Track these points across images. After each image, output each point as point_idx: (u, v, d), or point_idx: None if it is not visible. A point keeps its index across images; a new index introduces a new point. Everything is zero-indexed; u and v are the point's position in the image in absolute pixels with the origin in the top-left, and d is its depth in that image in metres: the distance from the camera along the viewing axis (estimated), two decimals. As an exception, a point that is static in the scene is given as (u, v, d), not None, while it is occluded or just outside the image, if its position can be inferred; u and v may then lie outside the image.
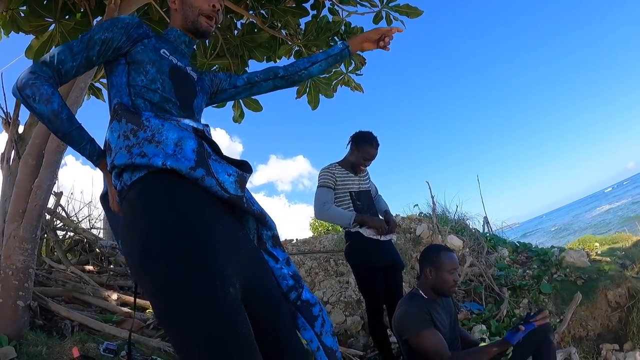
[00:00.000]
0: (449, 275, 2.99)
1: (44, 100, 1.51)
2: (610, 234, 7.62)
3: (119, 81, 1.68)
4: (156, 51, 1.72)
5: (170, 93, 1.69)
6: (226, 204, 1.54)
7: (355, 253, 3.79)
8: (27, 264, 3.06)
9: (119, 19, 1.71)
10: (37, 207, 3.15)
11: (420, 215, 7.66)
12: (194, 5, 1.84)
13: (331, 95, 5.34)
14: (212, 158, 1.51)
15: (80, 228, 5.34)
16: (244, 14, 4.47)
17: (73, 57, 1.62)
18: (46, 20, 3.53)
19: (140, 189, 1.45)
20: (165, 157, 1.42)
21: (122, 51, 1.69)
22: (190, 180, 1.44)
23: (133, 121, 1.51)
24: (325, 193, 3.75)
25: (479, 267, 5.74)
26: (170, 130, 1.49)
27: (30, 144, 3.32)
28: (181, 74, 1.77)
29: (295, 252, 7.10)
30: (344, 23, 5.10)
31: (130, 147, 1.46)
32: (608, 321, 4.95)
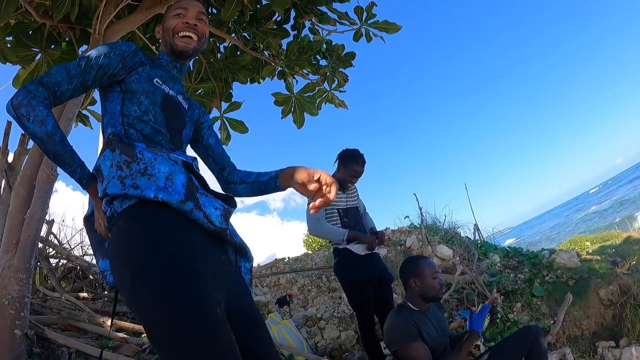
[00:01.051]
0: (432, 280, 3.07)
1: (38, 121, 1.53)
2: (600, 232, 7.68)
3: (113, 108, 1.72)
4: (150, 80, 1.76)
5: (161, 125, 1.73)
6: (210, 234, 1.60)
7: (344, 269, 3.84)
8: (23, 293, 3.07)
9: (116, 45, 1.74)
10: (30, 237, 3.18)
11: (411, 227, 7.71)
12: (169, 27, 1.88)
13: (316, 113, 5.41)
14: (200, 192, 1.59)
15: (73, 255, 5.33)
16: (227, 38, 4.55)
17: (69, 80, 1.63)
18: (32, 50, 3.59)
19: (131, 216, 1.50)
20: (157, 190, 1.48)
21: (118, 78, 1.72)
22: (179, 212, 1.50)
23: (127, 153, 1.56)
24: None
25: (470, 275, 5.78)
26: (162, 164, 1.55)
27: (21, 175, 3.35)
28: (173, 104, 1.82)
29: (287, 270, 7.13)
30: (325, 42, 5.20)
31: (124, 178, 1.50)
32: (602, 319, 5.00)
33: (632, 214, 21.49)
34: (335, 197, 1.59)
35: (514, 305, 5.29)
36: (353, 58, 5.34)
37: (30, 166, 3.29)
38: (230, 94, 5.13)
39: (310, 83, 5.27)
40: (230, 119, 5.00)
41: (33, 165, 3.28)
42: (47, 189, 3.29)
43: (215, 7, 4.40)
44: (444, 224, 7.85)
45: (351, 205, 3.99)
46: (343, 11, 4.77)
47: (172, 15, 1.89)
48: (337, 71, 5.37)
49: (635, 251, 5.75)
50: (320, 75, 5.31)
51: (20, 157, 3.82)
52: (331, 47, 5.25)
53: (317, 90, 5.37)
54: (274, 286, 6.95)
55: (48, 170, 3.22)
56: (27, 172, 3.29)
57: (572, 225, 32.47)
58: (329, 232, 3.81)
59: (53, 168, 3.23)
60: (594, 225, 24.22)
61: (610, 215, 28.46)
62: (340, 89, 5.51)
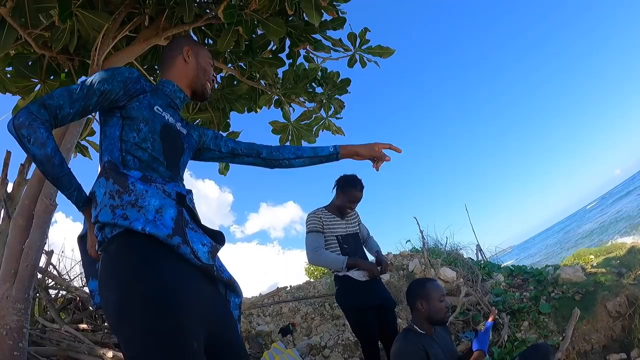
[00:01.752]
0: (439, 303, 3.06)
1: (39, 143, 1.57)
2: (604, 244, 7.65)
3: (112, 133, 1.76)
4: (150, 108, 1.81)
5: (159, 153, 1.78)
6: (197, 268, 1.63)
7: (346, 297, 3.82)
8: (21, 324, 3.04)
9: (119, 71, 1.79)
10: (29, 267, 3.16)
11: (412, 251, 7.69)
12: (207, 72, 2.01)
13: (313, 141, 5.44)
14: (190, 227, 1.62)
15: (73, 286, 5.29)
16: (223, 68, 4.61)
17: (71, 104, 1.68)
18: (32, 80, 3.64)
19: (119, 244, 1.54)
20: (145, 223, 1.52)
21: (119, 104, 1.77)
22: (167, 245, 1.53)
23: (119, 183, 1.59)
24: (315, 238, 3.80)
25: (475, 296, 5.73)
26: (153, 197, 1.59)
27: (20, 204, 3.35)
28: (172, 132, 1.86)
29: (289, 299, 7.07)
30: (320, 69, 5.27)
31: (115, 208, 1.55)
32: (611, 331, 4.92)
33: (634, 224, 21.31)
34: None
35: (521, 324, 5.22)
36: (348, 84, 5.40)
37: (29, 196, 3.30)
38: (227, 124, 5.17)
39: (307, 111, 5.31)
40: (228, 149, 5.03)
41: (32, 195, 3.29)
42: (46, 219, 3.28)
43: (211, 37, 4.48)
44: (446, 246, 7.85)
45: (351, 232, 3.99)
46: (337, 38, 4.84)
47: (209, 62, 2.06)
48: (333, 98, 5.42)
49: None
50: (316, 102, 5.36)
51: (20, 187, 3.83)
52: (326, 74, 5.31)
53: (313, 118, 5.40)
54: (276, 315, 6.87)
55: (47, 201, 3.22)
56: (26, 202, 3.29)
57: (572, 242, 32.35)
58: (328, 260, 3.79)
59: (52, 198, 3.23)
60: (596, 238, 24.12)
61: (611, 229, 28.34)
62: (336, 116, 5.55)
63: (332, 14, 4.20)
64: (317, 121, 5.45)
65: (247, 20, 3.79)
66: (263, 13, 3.85)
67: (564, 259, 7.69)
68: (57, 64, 3.76)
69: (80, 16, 3.18)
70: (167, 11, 3.77)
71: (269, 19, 3.85)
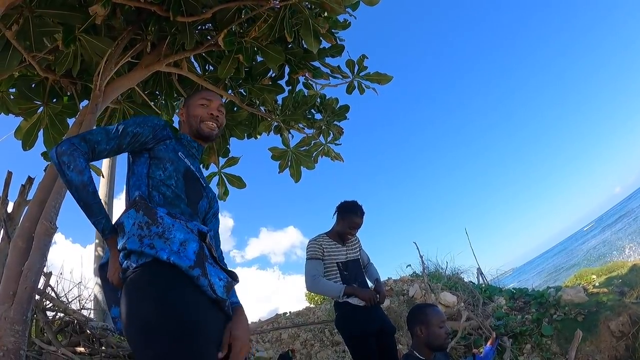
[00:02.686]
0: (439, 329, 3.02)
1: (77, 170, 1.70)
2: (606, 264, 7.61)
3: (140, 171, 1.88)
4: (175, 152, 1.95)
5: (181, 190, 1.89)
6: (211, 301, 1.70)
7: (345, 323, 3.79)
8: (18, 345, 3.01)
9: (149, 118, 1.96)
10: (28, 289, 3.15)
11: (413, 276, 7.66)
12: (195, 115, 2.10)
13: (312, 167, 5.47)
14: (209, 261, 1.72)
15: (71, 309, 5.23)
16: (223, 94, 4.67)
17: (108, 141, 1.83)
18: (35, 103, 3.70)
19: (144, 272, 1.61)
20: (170, 253, 1.61)
21: (148, 146, 1.91)
22: (187, 276, 1.62)
23: (149, 215, 1.69)
24: (314, 265, 3.79)
25: (476, 320, 5.69)
26: (179, 230, 1.69)
27: (20, 226, 3.36)
28: (193, 176, 1.98)
29: (289, 325, 7.01)
30: (319, 96, 5.33)
31: (142, 237, 1.64)
32: (615, 351, 4.90)
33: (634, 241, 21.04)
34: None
35: (524, 347, 5.19)
36: (347, 111, 5.45)
37: (30, 218, 3.31)
38: (227, 150, 5.22)
39: (306, 137, 5.35)
40: (228, 174, 5.06)
41: (33, 218, 3.30)
42: (45, 242, 3.29)
43: (212, 64, 4.56)
44: (446, 271, 7.81)
45: (351, 258, 3.97)
46: (335, 65, 4.92)
47: (198, 104, 2.13)
48: (332, 124, 5.46)
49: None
50: (315, 129, 5.40)
51: (20, 208, 3.85)
52: (325, 100, 5.37)
53: (312, 144, 5.45)
54: (275, 342, 6.80)
55: (47, 223, 3.23)
56: (26, 224, 3.30)
57: (573, 263, 32.09)
58: (326, 288, 3.77)
59: (52, 221, 3.25)
60: (596, 253, 23.87)
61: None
62: (335, 142, 5.58)
63: (330, 41, 4.27)
64: (316, 147, 5.49)
65: (247, 47, 3.88)
66: (262, 41, 3.94)
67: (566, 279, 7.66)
68: (60, 87, 3.84)
69: (83, 41, 3.27)
70: (168, 38, 3.86)
71: (268, 46, 3.94)
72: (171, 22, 3.63)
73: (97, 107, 3.42)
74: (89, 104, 3.49)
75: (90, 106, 3.44)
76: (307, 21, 3.69)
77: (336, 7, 3.74)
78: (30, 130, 3.71)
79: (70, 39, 3.17)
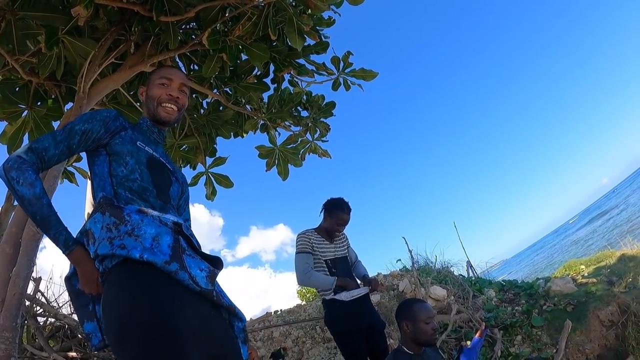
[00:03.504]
0: (425, 325, 3.00)
1: (27, 184, 1.62)
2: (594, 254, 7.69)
3: (101, 171, 1.81)
4: (133, 143, 1.86)
5: (147, 182, 1.82)
6: (198, 294, 1.65)
7: (334, 320, 3.80)
8: (9, 352, 2.99)
9: (98, 112, 1.86)
10: (17, 295, 3.12)
11: (403, 271, 7.68)
12: (153, 96, 2.00)
13: (300, 164, 5.47)
14: (187, 253, 1.66)
15: (61, 314, 5.20)
16: (209, 93, 4.65)
17: (56, 145, 1.75)
18: (19, 107, 3.66)
19: (119, 272, 1.57)
20: (143, 250, 1.55)
21: (102, 142, 1.83)
22: (164, 272, 1.57)
23: (115, 215, 1.63)
24: (305, 259, 3.80)
25: (466, 313, 5.73)
26: (149, 225, 1.63)
27: (7, 232, 3.32)
28: (157, 163, 1.90)
29: (280, 323, 7.02)
30: (305, 93, 5.33)
31: (112, 239, 1.58)
32: (605, 340, 4.95)
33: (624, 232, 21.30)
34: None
35: (514, 338, 5.23)
36: (333, 107, 5.45)
37: (17, 223, 3.28)
38: (214, 149, 5.20)
39: (293, 135, 5.35)
40: (215, 174, 5.05)
41: (19, 223, 3.27)
42: (32, 247, 3.26)
43: (196, 63, 4.54)
44: (436, 264, 7.85)
45: (340, 255, 3.98)
46: (320, 62, 4.90)
47: (157, 84, 2.02)
48: (319, 121, 5.46)
49: (631, 268, 5.77)
50: (302, 126, 5.40)
51: (7, 214, 3.80)
52: (311, 98, 5.36)
53: (299, 142, 5.44)
54: (267, 340, 6.80)
55: (34, 229, 3.20)
56: (13, 230, 3.27)
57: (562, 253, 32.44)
58: (318, 281, 3.77)
59: (39, 226, 3.22)
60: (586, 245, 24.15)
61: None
62: (322, 139, 5.58)
63: (314, 39, 4.27)
64: (303, 144, 5.49)
65: (232, 46, 3.85)
66: (247, 39, 3.91)
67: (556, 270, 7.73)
68: (44, 90, 3.80)
69: (67, 43, 3.23)
70: (152, 38, 3.83)
71: (252, 44, 3.92)
72: (155, 22, 3.60)
73: (81, 110, 3.39)
74: (74, 107, 3.46)
75: (75, 109, 3.41)
76: (291, 19, 3.68)
77: (320, 4, 3.73)
78: (15, 134, 3.66)
79: (53, 41, 3.13)
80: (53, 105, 3.81)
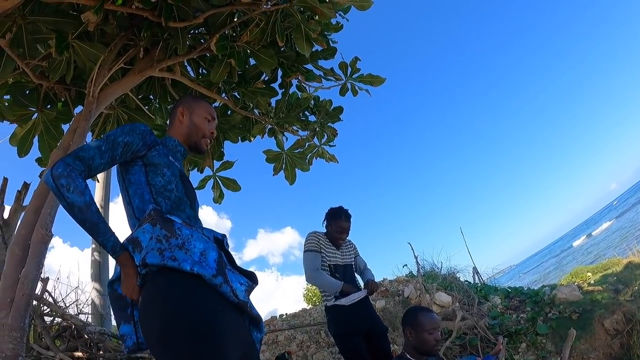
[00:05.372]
0: (429, 335, 3.02)
1: (78, 192, 1.67)
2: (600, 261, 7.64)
3: (138, 179, 1.90)
4: (166, 157, 1.97)
5: (182, 193, 1.94)
6: (233, 305, 1.75)
7: (334, 324, 3.85)
8: (16, 352, 3.02)
9: (136, 126, 1.96)
10: (25, 296, 3.15)
11: (409, 276, 7.67)
12: (200, 128, 2.14)
13: (307, 169, 5.49)
14: (228, 268, 1.76)
15: (68, 314, 5.25)
16: (217, 98, 4.68)
17: (101, 155, 1.82)
18: (29, 109, 3.71)
19: (167, 277, 1.65)
20: (193, 264, 1.65)
21: (139, 154, 1.92)
22: (210, 285, 1.67)
23: (167, 228, 1.72)
24: (314, 258, 3.85)
25: (471, 320, 5.71)
26: (198, 240, 1.74)
27: (17, 234, 3.36)
28: (186, 178, 2.04)
29: (285, 327, 7.03)
30: (313, 98, 5.35)
31: (163, 251, 1.67)
32: (610, 349, 4.92)
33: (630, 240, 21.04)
34: None
35: (519, 346, 5.21)
36: (341, 112, 5.46)
37: (26, 225, 3.31)
38: (222, 153, 5.22)
39: (300, 139, 5.37)
40: (222, 178, 5.07)
41: (29, 225, 3.30)
42: (41, 249, 3.29)
43: (205, 68, 4.57)
44: (442, 270, 7.83)
45: (344, 263, 4.02)
46: (328, 67, 4.92)
47: (204, 117, 2.18)
48: (326, 126, 5.48)
49: (637, 276, 5.74)
50: (309, 131, 5.41)
51: (16, 214, 3.86)
52: (319, 103, 5.38)
53: (307, 146, 5.46)
54: (272, 344, 6.80)
55: (43, 231, 3.23)
56: (22, 232, 3.30)
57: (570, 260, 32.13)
58: (325, 282, 3.81)
59: (48, 228, 3.25)
60: (594, 252, 23.89)
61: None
62: (330, 144, 5.60)
63: (322, 45, 4.29)
64: (311, 149, 5.51)
65: (240, 51, 3.88)
66: (255, 45, 3.94)
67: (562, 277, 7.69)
68: (54, 93, 3.84)
69: (77, 47, 3.28)
70: (161, 43, 3.87)
71: (260, 50, 3.95)
72: (164, 27, 3.64)
73: (90, 114, 3.43)
74: (83, 111, 3.49)
75: (84, 113, 3.44)
76: (299, 25, 3.71)
77: (327, 11, 3.75)
78: (25, 136, 3.72)
79: (63, 46, 3.18)
80: (63, 108, 3.86)
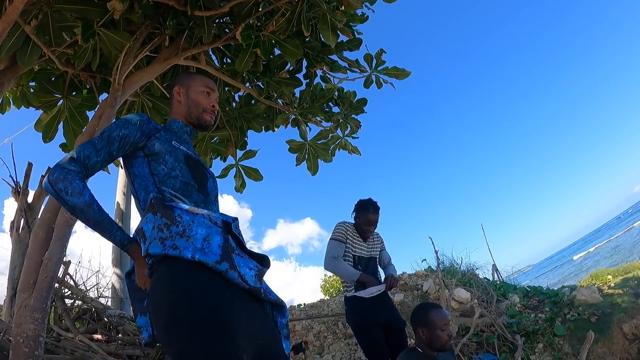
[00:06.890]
0: (441, 332, 3.00)
1: (76, 193, 1.66)
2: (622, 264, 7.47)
3: (142, 171, 1.86)
4: (168, 142, 1.91)
5: (188, 177, 1.88)
6: (245, 290, 1.69)
7: (352, 314, 3.87)
8: (37, 332, 3.09)
9: (130, 117, 1.90)
10: (48, 278, 3.23)
11: (428, 271, 7.62)
12: (199, 103, 2.07)
13: (330, 160, 5.48)
14: (236, 252, 1.69)
15: (88, 297, 5.35)
16: (241, 87, 4.70)
17: (97, 153, 1.79)
18: (54, 96, 3.78)
19: (171, 266, 1.61)
20: (194, 251, 1.59)
21: (139, 145, 1.87)
22: (215, 271, 1.61)
23: (167, 216, 1.68)
24: (337, 247, 3.87)
25: (489, 317, 5.65)
26: (200, 226, 1.67)
27: (41, 217, 3.44)
28: (193, 160, 1.96)
29: (303, 317, 7.07)
30: (337, 89, 5.33)
31: (164, 240, 1.63)
32: (627, 354, 4.83)
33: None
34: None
35: (536, 346, 5.15)
36: (365, 104, 5.44)
37: (50, 209, 3.39)
38: (245, 142, 5.26)
39: (324, 130, 5.36)
40: (245, 167, 5.11)
41: (53, 209, 3.38)
42: (65, 232, 3.37)
43: (230, 57, 4.59)
44: (461, 266, 7.76)
45: (368, 255, 4.02)
46: (353, 59, 4.90)
47: (201, 92, 2.09)
48: (350, 118, 5.46)
49: (659, 281, 5.58)
50: (333, 122, 5.40)
51: (40, 198, 3.94)
52: (343, 94, 5.36)
53: (330, 137, 5.45)
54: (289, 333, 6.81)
55: (67, 214, 3.31)
56: (46, 215, 3.38)
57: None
58: (343, 270, 3.83)
59: (72, 212, 3.32)
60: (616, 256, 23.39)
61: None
62: (353, 135, 5.58)
63: (348, 35, 4.26)
64: (334, 140, 5.50)
65: (265, 41, 3.88)
66: (280, 34, 3.94)
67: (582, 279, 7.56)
68: (79, 80, 3.90)
69: (102, 35, 3.32)
70: (186, 32, 3.89)
71: (286, 40, 3.94)
72: (189, 16, 3.66)
73: (116, 101, 3.48)
74: (108, 98, 3.55)
75: (110, 99, 3.49)
76: (325, 15, 3.69)
77: (353, 1, 3.73)
78: (50, 122, 3.79)
79: (89, 34, 3.22)
80: (87, 95, 3.93)
